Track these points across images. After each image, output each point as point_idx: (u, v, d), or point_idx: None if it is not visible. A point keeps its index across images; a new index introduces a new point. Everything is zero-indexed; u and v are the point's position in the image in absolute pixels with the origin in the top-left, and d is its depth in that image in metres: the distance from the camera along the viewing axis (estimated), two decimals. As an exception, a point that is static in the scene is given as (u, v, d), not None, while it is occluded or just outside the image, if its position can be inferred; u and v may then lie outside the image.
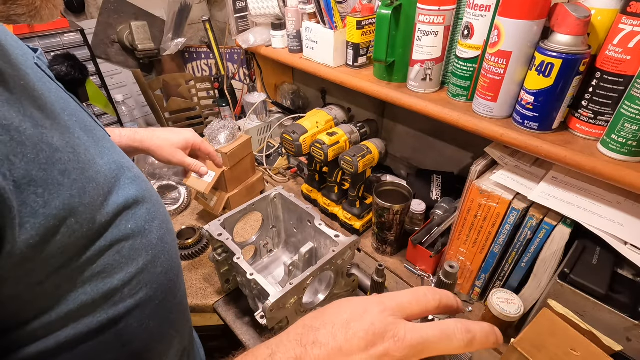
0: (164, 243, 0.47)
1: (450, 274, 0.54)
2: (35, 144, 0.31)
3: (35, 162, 0.31)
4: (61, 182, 0.33)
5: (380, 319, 0.30)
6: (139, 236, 0.42)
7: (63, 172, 0.33)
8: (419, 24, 0.70)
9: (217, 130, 1.11)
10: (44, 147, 0.32)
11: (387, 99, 0.81)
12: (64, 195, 0.33)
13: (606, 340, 0.54)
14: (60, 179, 0.33)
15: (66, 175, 0.34)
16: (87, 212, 0.35)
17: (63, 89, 0.43)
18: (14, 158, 0.29)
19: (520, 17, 0.56)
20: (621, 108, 0.51)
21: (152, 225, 0.45)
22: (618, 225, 0.56)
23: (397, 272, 0.89)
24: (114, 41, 1.40)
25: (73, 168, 0.35)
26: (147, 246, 0.43)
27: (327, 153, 0.92)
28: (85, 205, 0.35)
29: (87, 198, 0.36)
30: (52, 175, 0.32)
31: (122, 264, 0.40)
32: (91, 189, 0.36)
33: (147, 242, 0.43)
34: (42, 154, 0.32)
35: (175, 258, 0.51)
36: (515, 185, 0.65)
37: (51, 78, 0.42)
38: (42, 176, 0.31)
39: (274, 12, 1.06)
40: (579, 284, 0.57)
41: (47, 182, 0.32)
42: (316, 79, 1.21)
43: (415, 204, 0.89)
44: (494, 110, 0.66)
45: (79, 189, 0.35)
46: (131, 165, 0.47)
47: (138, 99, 1.56)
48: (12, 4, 0.27)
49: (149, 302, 0.44)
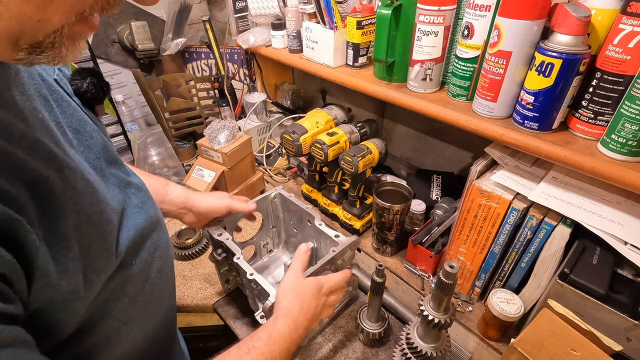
0: (160, 274, 0.47)
1: (450, 274, 0.54)
2: (63, 191, 0.31)
3: (65, 215, 0.31)
4: (85, 232, 0.33)
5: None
6: (142, 274, 0.42)
7: (87, 218, 0.33)
8: (419, 24, 0.70)
9: (217, 130, 1.11)
10: (72, 195, 0.32)
11: (387, 99, 0.81)
12: (84, 244, 0.33)
13: (606, 340, 0.54)
14: (84, 227, 0.33)
15: (90, 221, 0.34)
16: (102, 259, 0.35)
17: (80, 106, 0.42)
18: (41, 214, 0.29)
19: (520, 17, 0.56)
20: (621, 108, 0.51)
21: (154, 256, 0.45)
22: (618, 225, 0.56)
23: (397, 272, 0.89)
24: (114, 41, 1.40)
25: (94, 211, 0.35)
26: (145, 281, 0.43)
27: (327, 153, 0.92)
28: (101, 252, 0.35)
29: (104, 244, 0.36)
30: (79, 224, 0.32)
31: (127, 304, 0.40)
32: (107, 232, 0.36)
33: (146, 277, 0.44)
34: (71, 201, 0.32)
35: (168, 287, 0.51)
36: (515, 185, 0.65)
37: (69, 94, 0.41)
38: (71, 228, 0.31)
39: (274, 12, 1.06)
40: (579, 284, 0.57)
41: (73, 233, 0.32)
42: (316, 79, 1.21)
43: (415, 204, 0.89)
44: (494, 110, 0.66)
45: (97, 235, 0.35)
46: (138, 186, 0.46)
47: (138, 99, 1.56)
48: (38, 54, 0.27)
49: (142, 338, 0.45)
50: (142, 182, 0.48)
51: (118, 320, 0.40)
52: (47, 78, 0.38)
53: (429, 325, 0.60)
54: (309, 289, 0.59)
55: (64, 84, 0.41)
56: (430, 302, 0.61)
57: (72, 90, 0.42)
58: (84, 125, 0.40)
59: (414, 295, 0.86)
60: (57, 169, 0.31)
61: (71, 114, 0.39)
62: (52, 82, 0.39)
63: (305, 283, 0.60)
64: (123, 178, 0.44)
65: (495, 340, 0.73)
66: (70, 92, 0.42)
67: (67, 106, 0.39)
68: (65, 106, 0.39)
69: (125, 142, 1.37)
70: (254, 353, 0.46)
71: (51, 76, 0.39)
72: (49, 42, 0.26)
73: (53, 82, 0.39)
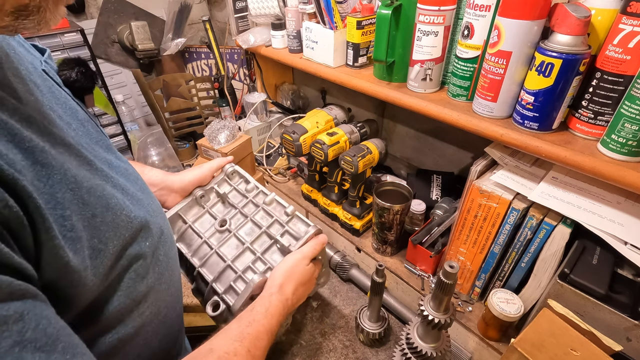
0: (168, 258, 0.47)
1: (450, 274, 0.54)
2: (61, 164, 0.31)
3: (62, 183, 0.31)
4: (87, 202, 0.33)
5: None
6: (151, 254, 0.43)
7: (89, 190, 0.33)
8: (419, 24, 0.70)
9: (217, 130, 1.11)
10: (69, 166, 0.32)
11: (387, 99, 0.81)
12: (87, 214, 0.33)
13: (606, 340, 0.54)
14: (87, 197, 0.33)
15: (92, 193, 0.34)
16: (109, 230, 0.35)
17: (71, 96, 0.43)
18: (38, 182, 0.29)
19: (520, 17, 0.56)
20: (621, 108, 0.51)
21: (160, 240, 0.45)
22: (618, 225, 0.56)
23: (397, 272, 0.89)
24: (114, 41, 1.40)
25: (96, 184, 0.35)
26: (155, 263, 0.44)
27: (327, 153, 0.92)
28: (107, 224, 0.35)
29: (110, 215, 0.36)
30: (79, 195, 0.32)
31: (137, 283, 0.40)
32: (113, 205, 0.36)
33: (155, 259, 0.44)
34: (69, 172, 0.31)
35: (176, 272, 0.51)
36: (515, 185, 0.65)
37: (59, 85, 0.41)
38: (68, 197, 0.31)
39: (274, 12, 1.06)
40: (579, 284, 0.57)
41: (72, 203, 0.31)
42: (316, 79, 1.21)
43: (415, 204, 0.89)
44: (494, 110, 0.66)
45: (101, 207, 0.35)
46: (136, 176, 0.46)
47: (138, 99, 1.56)
48: (24, 19, 0.27)
49: (154, 318, 0.45)
50: (137, 172, 0.49)
51: (131, 300, 0.40)
52: (38, 67, 0.39)
53: (429, 325, 0.60)
54: (305, 277, 0.60)
55: (52, 74, 0.41)
56: (430, 302, 0.61)
57: (62, 81, 0.43)
58: (76, 114, 0.40)
59: (414, 295, 0.86)
60: (52, 144, 0.31)
61: (63, 102, 0.39)
62: (42, 72, 0.39)
63: (307, 270, 0.60)
64: (121, 166, 0.44)
65: (495, 340, 0.73)
66: (60, 83, 0.42)
67: (59, 94, 0.39)
68: (57, 94, 0.39)
69: (125, 142, 1.37)
70: (254, 326, 0.48)
71: (40, 67, 0.39)
72: (34, 6, 0.27)
73: (42, 72, 0.39)
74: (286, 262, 0.59)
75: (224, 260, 0.63)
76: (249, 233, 0.67)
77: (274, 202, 0.70)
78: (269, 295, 0.54)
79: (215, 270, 0.62)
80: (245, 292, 0.57)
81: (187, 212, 0.70)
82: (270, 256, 0.64)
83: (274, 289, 0.55)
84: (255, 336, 0.47)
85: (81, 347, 0.30)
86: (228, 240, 0.66)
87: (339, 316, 0.87)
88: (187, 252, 0.65)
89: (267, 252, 0.64)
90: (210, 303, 0.59)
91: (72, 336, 0.29)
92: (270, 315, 0.51)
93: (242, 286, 0.59)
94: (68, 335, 0.29)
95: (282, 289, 0.55)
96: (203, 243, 0.66)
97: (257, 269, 0.61)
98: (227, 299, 0.59)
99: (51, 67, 0.42)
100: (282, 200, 0.70)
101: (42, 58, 0.42)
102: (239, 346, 0.44)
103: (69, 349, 0.28)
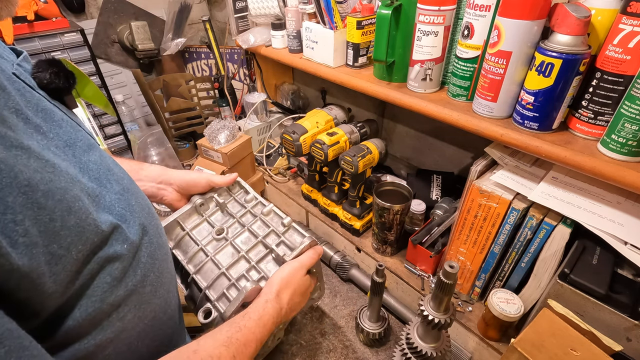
0: (153, 259, 0.46)
1: (450, 274, 0.54)
2: (11, 167, 0.30)
3: (12, 187, 0.29)
4: (43, 205, 0.32)
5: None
6: (130, 256, 0.41)
7: (46, 194, 0.32)
8: (419, 24, 0.70)
9: (217, 130, 1.11)
10: (21, 169, 0.31)
11: (387, 99, 0.81)
12: (44, 219, 0.32)
13: (606, 340, 0.54)
14: (43, 201, 0.32)
15: (50, 197, 0.32)
16: (71, 235, 0.34)
17: (47, 97, 0.42)
18: None
19: (520, 17, 0.56)
20: (621, 108, 0.51)
21: (143, 241, 0.44)
22: (618, 225, 0.56)
23: (397, 272, 0.89)
24: (114, 41, 1.40)
25: (56, 188, 0.33)
26: (136, 266, 0.42)
27: (327, 153, 0.92)
28: (69, 228, 0.34)
29: (73, 219, 0.34)
30: (33, 199, 0.31)
31: (114, 287, 0.39)
32: (77, 209, 0.35)
33: (136, 261, 0.43)
34: (20, 175, 0.30)
35: (165, 273, 0.50)
36: (515, 185, 0.65)
37: (32, 88, 0.40)
38: (20, 201, 0.30)
39: (274, 12, 1.06)
40: (579, 284, 0.57)
41: (25, 207, 0.30)
42: (316, 79, 1.21)
43: (415, 204, 0.89)
44: (494, 110, 0.66)
45: (62, 211, 0.33)
46: (119, 176, 0.45)
47: (138, 99, 1.56)
48: None
49: (139, 322, 0.44)
50: (124, 171, 0.48)
51: (108, 305, 0.39)
52: (6, 70, 0.38)
53: (429, 325, 0.60)
54: (302, 287, 0.60)
55: (24, 77, 0.40)
56: (430, 302, 0.61)
57: (36, 83, 0.42)
58: (51, 115, 0.40)
59: (414, 295, 0.86)
60: (5, 147, 0.30)
61: (35, 103, 0.38)
62: (11, 74, 0.38)
63: (304, 280, 0.60)
64: (102, 165, 0.43)
65: (495, 340, 0.73)
66: (33, 85, 0.41)
67: (30, 96, 0.38)
68: (28, 96, 0.38)
69: (125, 142, 1.38)
70: (244, 332, 0.48)
71: (9, 70, 0.39)
72: None
73: (12, 75, 0.38)
74: (284, 269, 0.59)
75: (218, 267, 0.63)
76: (245, 242, 0.67)
77: (271, 213, 0.71)
78: (264, 302, 0.54)
79: (209, 278, 0.62)
80: (237, 299, 0.56)
81: (185, 219, 0.70)
82: (265, 265, 0.64)
83: (271, 295, 0.55)
84: (244, 343, 0.47)
85: (33, 350, 0.29)
86: (224, 249, 0.66)
87: (339, 316, 0.88)
88: (182, 258, 0.66)
89: (262, 261, 0.65)
90: (202, 310, 0.59)
91: (22, 339, 0.29)
92: (263, 324, 0.51)
93: (235, 294, 0.59)
94: (15, 337, 0.28)
95: (279, 296, 0.55)
96: (199, 250, 0.66)
97: (250, 277, 0.61)
98: (219, 306, 0.59)
99: (24, 70, 0.42)
100: (280, 212, 0.71)
101: (15, 61, 0.41)
102: (225, 351, 0.44)
103: (14, 352, 0.27)
